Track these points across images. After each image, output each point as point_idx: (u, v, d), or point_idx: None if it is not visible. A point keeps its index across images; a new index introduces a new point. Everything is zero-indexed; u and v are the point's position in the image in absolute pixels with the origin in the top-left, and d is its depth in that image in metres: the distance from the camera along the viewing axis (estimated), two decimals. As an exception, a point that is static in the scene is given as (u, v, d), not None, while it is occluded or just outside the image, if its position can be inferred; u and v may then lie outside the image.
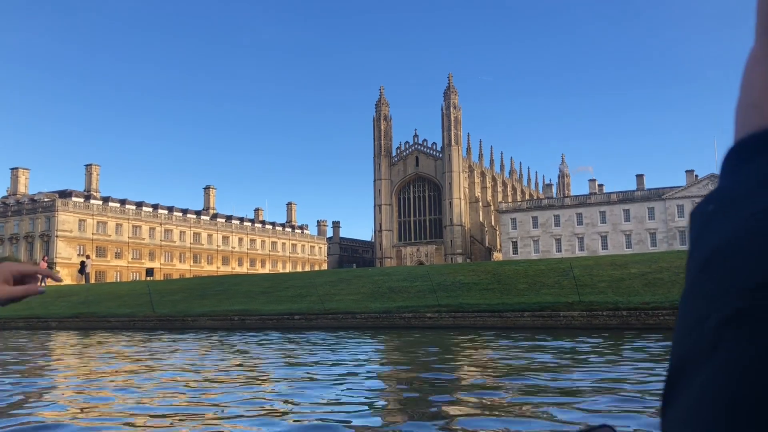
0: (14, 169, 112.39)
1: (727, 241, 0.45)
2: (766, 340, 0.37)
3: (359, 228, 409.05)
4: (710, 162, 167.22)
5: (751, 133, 0.51)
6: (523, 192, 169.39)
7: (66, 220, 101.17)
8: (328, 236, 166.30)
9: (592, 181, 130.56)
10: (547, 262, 31.27)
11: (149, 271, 50.07)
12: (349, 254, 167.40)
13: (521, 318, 22.83)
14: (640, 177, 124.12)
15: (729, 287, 0.42)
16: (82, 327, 35.35)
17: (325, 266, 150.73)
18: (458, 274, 29.65)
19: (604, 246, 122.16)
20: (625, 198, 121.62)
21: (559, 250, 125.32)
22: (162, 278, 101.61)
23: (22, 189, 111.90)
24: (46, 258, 52.05)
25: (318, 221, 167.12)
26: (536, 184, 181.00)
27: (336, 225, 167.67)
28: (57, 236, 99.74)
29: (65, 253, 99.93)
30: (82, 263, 49.77)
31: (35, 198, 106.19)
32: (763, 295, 0.40)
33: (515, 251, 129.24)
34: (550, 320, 21.97)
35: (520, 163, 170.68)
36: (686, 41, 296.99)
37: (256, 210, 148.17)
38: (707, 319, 0.43)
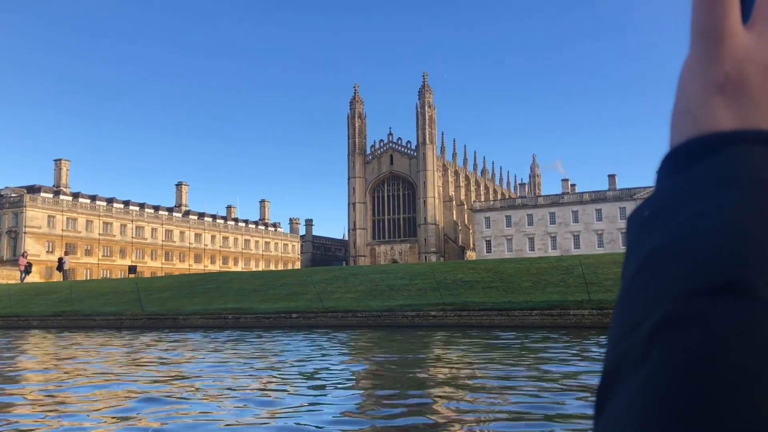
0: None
1: (661, 246, 0.46)
2: (697, 346, 0.37)
3: (331, 226, 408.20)
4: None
5: (685, 140, 0.51)
6: (495, 191, 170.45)
7: (35, 216, 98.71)
8: (300, 234, 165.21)
9: (565, 180, 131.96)
10: (548, 260, 31.23)
11: (132, 269, 48.81)
12: (321, 252, 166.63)
13: (529, 316, 22.70)
14: (612, 177, 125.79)
15: (662, 293, 0.43)
16: (65, 326, 34.32)
17: (298, 264, 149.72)
18: (458, 272, 29.43)
19: (577, 245, 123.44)
20: (598, 198, 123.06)
21: (532, 248, 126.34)
22: (134, 276, 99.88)
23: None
24: (26, 254, 50.43)
25: (290, 219, 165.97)
26: (508, 183, 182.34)
27: (309, 223, 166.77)
28: (25, 233, 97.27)
29: (34, 249, 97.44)
30: (60, 260, 48.41)
31: (2, 193, 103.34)
32: (696, 301, 0.40)
33: (489, 250, 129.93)
34: (560, 319, 21.89)
35: (493, 163, 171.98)
36: (658, 43, 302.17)
37: (229, 207, 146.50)
38: (641, 323, 0.42)
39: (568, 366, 12.08)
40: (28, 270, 47.66)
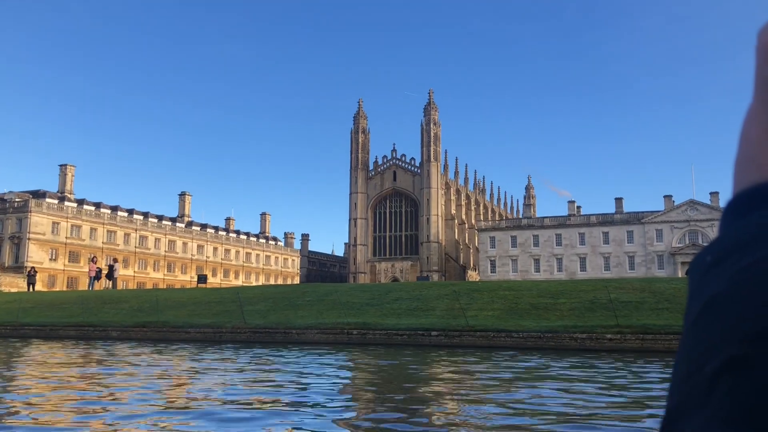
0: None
1: (725, 290, 0.46)
2: (761, 388, 0.38)
3: (325, 242, 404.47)
4: (687, 187, 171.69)
5: (748, 187, 0.52)
6: (493, 211, 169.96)
7: (39, 222, 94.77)
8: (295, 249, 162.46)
9: (571, 202, 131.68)
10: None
11: (202, 278, 45.93)
12: (317, 268, 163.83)
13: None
14: (619, 200, 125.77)
15: (726, 336, 0.44)
16: (151, 338, 31.93)
17: (297, 280, 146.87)
18: (601, 291, 27.78)
19: (583, 268, 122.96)
20: (605, 221, 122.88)
21: (537, 270, 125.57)
22: (135, 287, 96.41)
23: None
24: (95, 258, 47.45)
25: (285, 233, 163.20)
26: (506, 204, 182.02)
27: (305, 238, 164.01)
28: (29, 239, 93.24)
29: (37, 256, 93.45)
30: (111, 267, 45.68)
31: (5, 198, 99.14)
32: (761, 344, 0.41)
33: (493, 270, 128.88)
34: None
35: (491, 183, 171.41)
36: (665, 71, 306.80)
37: (228, 219, 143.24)
38: (704, 365, 0.44)
39: None
40: (98, 276, 44.84)
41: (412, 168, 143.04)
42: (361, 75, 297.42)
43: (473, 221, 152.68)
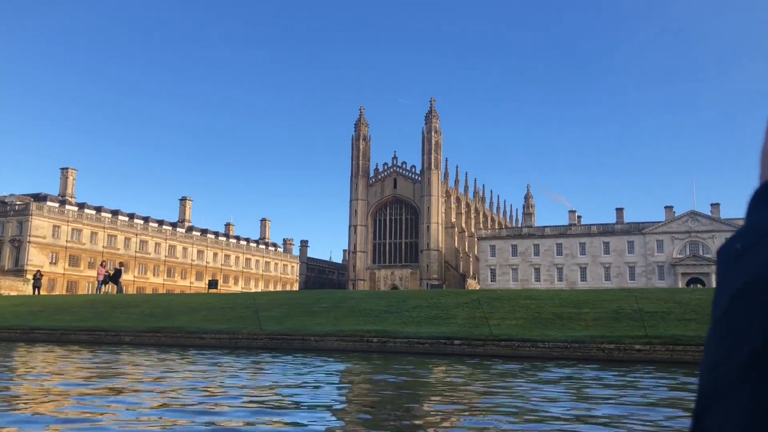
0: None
1: (756, 277, 0.47)
2: None
3: (322, 249, 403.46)
4: (688, 198, 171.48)
5: None
6: (493, 219, 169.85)
7: (40, 225, 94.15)
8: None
9: (572, 212, 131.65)
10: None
11: (213, 284, 45.51)
12: (316, 275, 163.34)
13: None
14: (619, 210, 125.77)
15: (757, 324, 0.44)
16: (165, 343, 31.51)
17: (296, 286, 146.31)
18: (624, 301, 27.54)
19: (583, 278, 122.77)
20: (606, 231, 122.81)
21: (537, 279, 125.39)
22: (135, 292, 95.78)
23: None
24: (104, 263, 46.97)
25: (284, 239, 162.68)
26: (505, 212, 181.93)
27: (304, 244, 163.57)
28: (30, 242, 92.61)
29: (37, 260, 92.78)
30: (118, 270, 45.20)
31: (6, 200, 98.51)
32: None
33: (493, 279, 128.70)
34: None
35: (491, 191, 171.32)
36: (666, 80, 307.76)
37: (227, 225, 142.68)
38: (736, 353, 0.44)
39: None
40: (106, 280, 44.37)
41: (413, 176, 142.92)
42: (362, 82, 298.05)
43: (473, 229, 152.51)
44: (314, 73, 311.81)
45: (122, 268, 46.15)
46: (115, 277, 45.48)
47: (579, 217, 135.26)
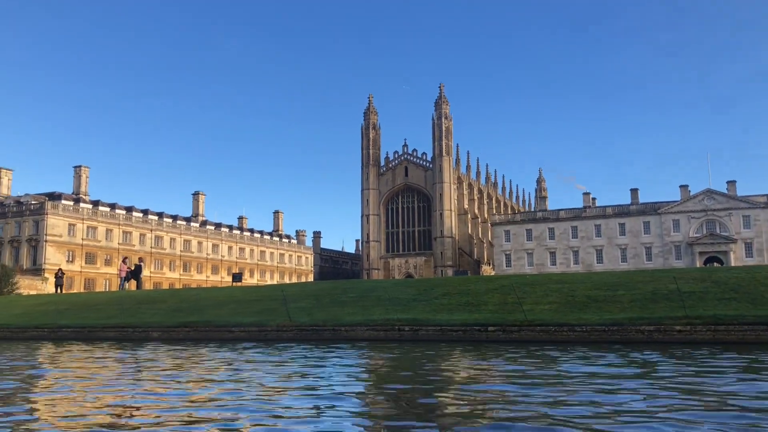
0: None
1: None
2: None
3: (335, 239, 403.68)
4: (704, 177, 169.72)
5: None
6: (505, 205, 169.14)
7: (56, 224, 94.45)
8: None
9: (586, 194, 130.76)
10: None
11: (236, 276, 45.38)
12: (330, 265, 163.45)
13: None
14: (634, 191, 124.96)
15: None
16: (194, 338, 31.37)
17: (311, 277, 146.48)
18: (660, 282, 27.16)
19: (599, 260, 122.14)
20: (621, 212, 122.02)
21: (553, 263, 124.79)
22: (152, 288, 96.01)
23: (4, 191, 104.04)
24: (126, 260, 46.93)
25: (297, 231, 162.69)
26: (518, 197, 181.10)
27: (317, 235, 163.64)
28: (46, 241, 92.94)
29: (54, 259, 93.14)
30: (138, 267, 45.13)
31: (22, 200, 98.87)
32: None
33: (508, 264, 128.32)
34: None
35: (503, 176, 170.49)
36: (680, 60, 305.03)
37: (240, 218, 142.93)
38: None
39: None
40: (128, 277, 44.34)
41: (424, 163, 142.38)
42: (371, 71, 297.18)
43: (486, 215, 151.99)
44: (323, 63, 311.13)
45: (142, 264, 46.08)
46: (136, 273, 45.40)
47: (594, 199, 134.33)
